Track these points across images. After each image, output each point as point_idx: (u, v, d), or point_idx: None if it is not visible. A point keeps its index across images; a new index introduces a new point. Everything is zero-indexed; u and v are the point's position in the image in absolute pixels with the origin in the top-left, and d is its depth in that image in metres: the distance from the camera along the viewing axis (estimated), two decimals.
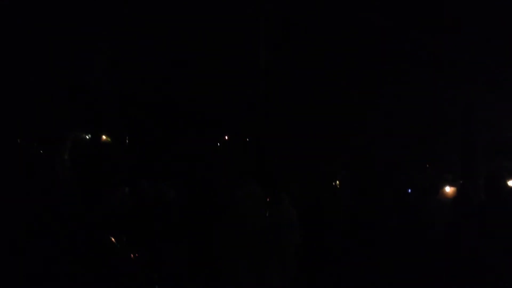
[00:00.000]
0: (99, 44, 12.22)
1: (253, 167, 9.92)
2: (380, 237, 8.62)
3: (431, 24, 12.82)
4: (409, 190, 9.94)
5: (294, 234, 6.81)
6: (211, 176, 8.38)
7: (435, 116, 14.21)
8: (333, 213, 9.08)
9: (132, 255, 4.49)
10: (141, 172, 8.62)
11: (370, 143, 13.76)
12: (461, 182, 9.63)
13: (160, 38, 12.43)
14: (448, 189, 9.02)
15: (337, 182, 12.83)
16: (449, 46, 13.03)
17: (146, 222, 7.14)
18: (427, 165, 13.07)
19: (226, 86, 12.37)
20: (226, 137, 12.58)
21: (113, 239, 4.73)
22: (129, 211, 7.33)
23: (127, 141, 11.24)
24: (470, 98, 13.69)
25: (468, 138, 13.87)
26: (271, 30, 11.94)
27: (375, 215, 9.03)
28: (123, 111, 11.95)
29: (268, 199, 6.95)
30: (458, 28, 12.63)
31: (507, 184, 5.92)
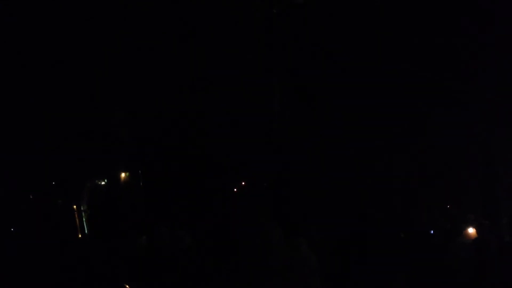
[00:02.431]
0: (117, 93, 12.39)
1: (270, 211, 9.82)
2: (404, 280, 8.44)
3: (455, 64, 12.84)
4: (432, 232, 9.78)
5: (313, 282, 6.63)
6: (228, 220, 8.30)
7: (456, 155, 14.04)
8: (354, 258, 8.89)
9: None
10: (159, 219, 8.56)
11: (391, 183, 13.59)
12: (484, 222, 9.41)
13: (177, 86, 12.58)
14: (471, 230, 8.81)
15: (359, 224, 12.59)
16: (472, 85, 12.98)
17: (163, 268, 7.05)
18: (448, 206, 12.85)
19: (241, 128, 12.41)
20: (243, 182, 12.53)
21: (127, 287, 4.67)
22: (147, 257, 7.26)
23: (143, 187, 11.25)
24: (492, 136, 13.56)
25: (490, 177, 13.67)
26: (285, 74, 12.02)
27: (397, 257, 8.86)
28: (139, 157, 12.01)
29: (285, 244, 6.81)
30: (483, 68, 12.62)
31: None
